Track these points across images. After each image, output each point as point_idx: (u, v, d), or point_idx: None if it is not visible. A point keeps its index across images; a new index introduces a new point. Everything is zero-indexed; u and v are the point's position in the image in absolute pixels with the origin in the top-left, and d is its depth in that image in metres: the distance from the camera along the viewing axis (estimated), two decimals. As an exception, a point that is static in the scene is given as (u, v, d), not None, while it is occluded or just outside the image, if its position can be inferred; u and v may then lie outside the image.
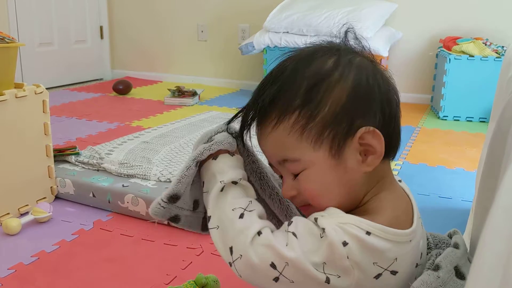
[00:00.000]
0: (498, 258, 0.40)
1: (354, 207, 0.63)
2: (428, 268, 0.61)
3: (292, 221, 0.61)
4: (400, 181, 0.69)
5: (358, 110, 0.60)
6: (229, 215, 0.63)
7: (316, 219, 0.59)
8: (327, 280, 0.57)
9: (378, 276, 0.57)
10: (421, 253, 0.63)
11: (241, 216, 0.62)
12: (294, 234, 0.59)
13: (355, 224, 0.57)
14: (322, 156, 0.60)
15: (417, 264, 0.62)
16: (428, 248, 0.67)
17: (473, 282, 0.43)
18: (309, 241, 0.58)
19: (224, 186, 0.66)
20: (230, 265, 0.62)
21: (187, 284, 1.03)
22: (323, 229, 0.57)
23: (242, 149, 0.74)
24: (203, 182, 0.70)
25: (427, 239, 0.69)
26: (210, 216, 0.65)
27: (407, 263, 0.59)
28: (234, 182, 0.66)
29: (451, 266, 0.60)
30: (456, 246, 0.64)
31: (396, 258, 0.58)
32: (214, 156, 0.69)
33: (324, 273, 0.57)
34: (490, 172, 0.68)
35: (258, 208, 0.64)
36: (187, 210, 0.74)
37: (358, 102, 0.60)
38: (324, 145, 0.60)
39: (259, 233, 0.60)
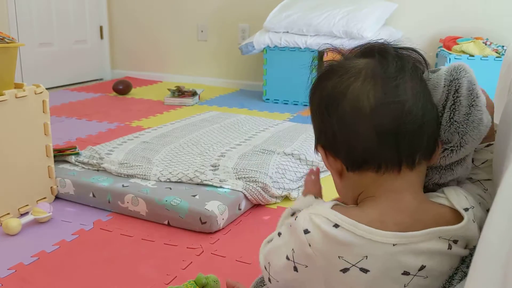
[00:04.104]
0: (498, 257, 0.40)
1: (355, 203, 0.66)
2: None
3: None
4: (467, 209, 0.62)
5: (315, 126, 0.68)
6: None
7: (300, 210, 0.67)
8: (295, 269, 0.62)
9: (345, 270, 0.58)
10: (422, 266, 0.60)
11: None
12: (279, 233, 0.67)
13: (325, 215, 0.60)
14: None
15: (408, 272, 0.60)
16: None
17: (473, 282, 0.43)
18: (285, 232, 0.66)
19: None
20: None
21: (187, 284, 1.03)
22: (296, 217, 0.63)
23: None
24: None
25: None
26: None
27: (385, 266, 0.58)
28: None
29: None
30: None
31: (366, 256, 0.58)
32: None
33: (293, 262, 0.62)
34: (495, 173, 0.68)
35: None
36: None
37: (316, 111, 0.67)
38: None
39: (269, 241, 0.71)
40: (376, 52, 0.64)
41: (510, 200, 0.43)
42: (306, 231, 0.59)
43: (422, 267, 0.60)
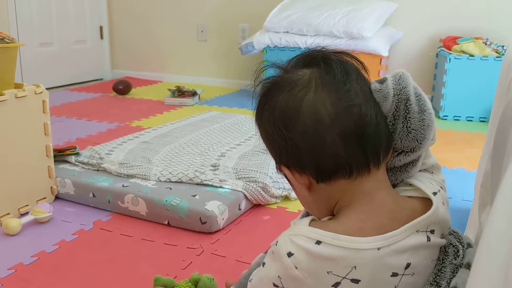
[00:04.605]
0: (498, 258, 0.40)
1: (330, 214, 0.66)
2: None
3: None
4: (435, 193, 0.65)
5: (273, 147, 0.66)
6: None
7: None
8: None
9: (336, 285, 0.58)
10: (408, 263, 0.60)
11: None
12: (263, 263, 0.64)
13: (305, 234, 0.58)
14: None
15: (396, 273, 0.60)
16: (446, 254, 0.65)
17: (474, 282, 0.43)
18: (268, 261, 0.63)
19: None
20: None
21: (182, 282, 1.03)
22: (276, 242, 0.61)
23: None
24: None
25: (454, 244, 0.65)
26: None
27: (374, 271, 0.58)
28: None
29: None
30: (469, 266, 0.62)
31: (354, 266, 0.57)
32: None
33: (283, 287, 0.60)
34: (494, 173, 0.68)
35: None
36: None
37: (270, 132, 0.65)
38: None
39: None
40: (320, 60, 0.64)
41: (510, 201, 0.43)
42: (290, 254, 0.58)
43: (408, 265, 0.60)
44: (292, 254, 0.58)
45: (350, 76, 0.62)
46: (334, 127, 0.60)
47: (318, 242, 0.57)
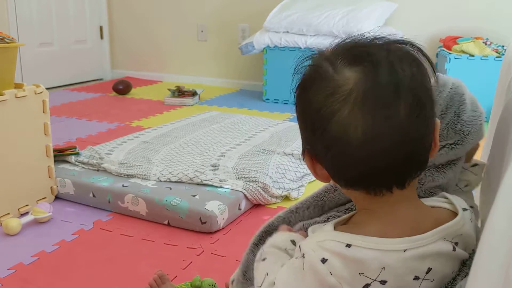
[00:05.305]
0: (499, 257, 0.40)
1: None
2: None
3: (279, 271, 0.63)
4: (465, 209, 0.63)
5: (302, 130, 0.62)
6: None
7: (300, 246, 0.60)
8: None
9: (366, 286, 0.57)
10: (429, 268, 0.59)
11: None
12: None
13: (334, 239, 0.57)
14: None
15: (418, 277, 0.59)
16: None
17: (473, 282, 0.43)
18: (291, 280, 0.60)
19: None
20: None
21: (183, 285, 1.03)
22: (303, 254, 0.58)
23: None
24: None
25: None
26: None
27: (398, 273, 0.58)
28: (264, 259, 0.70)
29: None
30: None
31: (383, 268, 0.57)
32: None
33: None
34: (493, 173, 0.68)
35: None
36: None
37: (302, 122, 0.61)
38: None
39: None
40: (377, 60, 0.56)
41: (510, 201, 0.43)
42: (324, 260, 0.56)
43: (428, 270, 0.60)
44: (326, 260, 0.56)
45: (399, 89, 0.54)
46: (361, 152, 0.55)
47: (348, 245, 0.56)
